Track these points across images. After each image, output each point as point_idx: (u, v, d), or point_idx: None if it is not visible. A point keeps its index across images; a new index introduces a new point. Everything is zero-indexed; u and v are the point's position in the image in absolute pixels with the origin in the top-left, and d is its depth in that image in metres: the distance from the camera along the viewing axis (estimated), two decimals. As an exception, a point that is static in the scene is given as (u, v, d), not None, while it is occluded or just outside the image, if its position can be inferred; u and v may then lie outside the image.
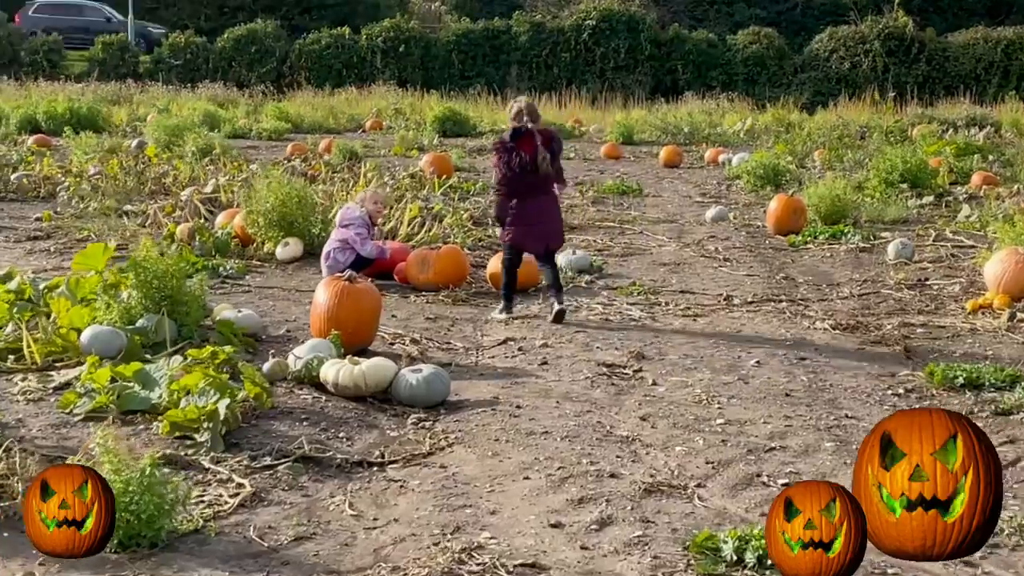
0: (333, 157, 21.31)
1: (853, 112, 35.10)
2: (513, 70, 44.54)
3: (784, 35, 46.28)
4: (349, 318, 8.43)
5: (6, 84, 38.90)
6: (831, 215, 14.87)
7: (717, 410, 7.39)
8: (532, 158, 9.64)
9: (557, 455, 6.50)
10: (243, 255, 12.23)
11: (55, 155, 21.58)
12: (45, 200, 16.37)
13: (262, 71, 44.51)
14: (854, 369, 8.40)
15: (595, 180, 20.32)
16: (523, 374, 8.24)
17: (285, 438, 6.65)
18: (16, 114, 28.29)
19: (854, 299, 10.86)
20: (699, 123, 31.03)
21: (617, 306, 10.43)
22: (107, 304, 8.48)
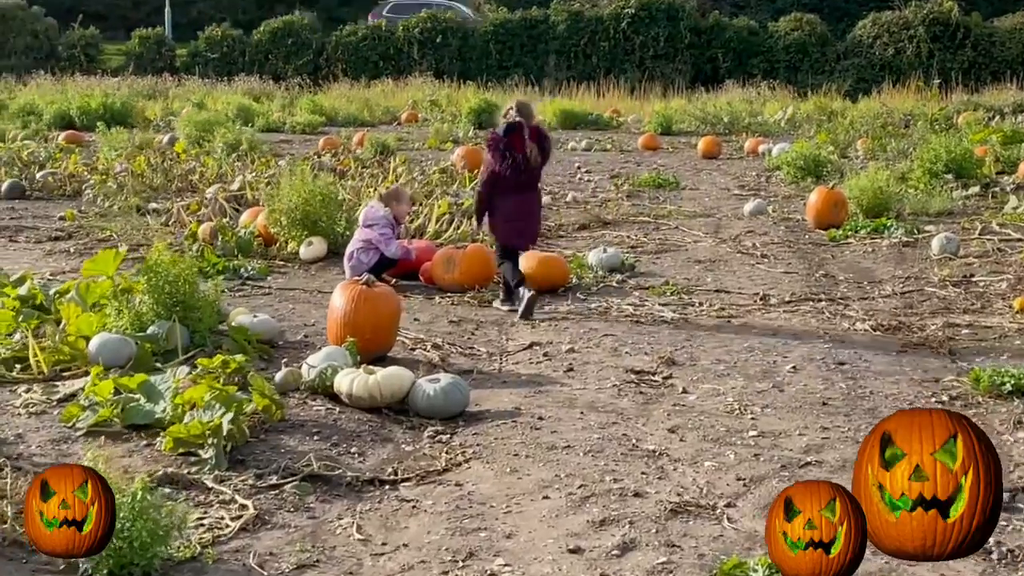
0: (364, 151, 21.03)
1: (897, 100, 34.48)
2: (551, 60, 44.13)
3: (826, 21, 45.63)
4: (366, 324, 8.09)
5: (43, 79, 38.88)
6: (873, 208, 14.44)
7: (750, 421, 7.02)
8: (524, 156, 9.75)
9: (579, 471, 6.15)
10: (266, 255, 11.95)
11: (87, 151, 21.41)
12: (71, 198, 16.17)
13: (299, 63, 44.36)
14: (895, 374, 8.00)
15: (631, 173, 19.95)
16: (547, 381, 7.88)
17: (294, 454, 6.33)
18: (50, 109, 28.22)
19: (896, 297, 10.45)
20: (739, 112, 30.58)
21: (648, 307, 10.05)
22: (118, 310, 8.19)
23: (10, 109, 29.11)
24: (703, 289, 10.86)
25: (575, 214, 15.26)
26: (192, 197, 15.14)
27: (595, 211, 15.45)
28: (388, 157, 19.67)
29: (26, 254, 12.25)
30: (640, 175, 19.29)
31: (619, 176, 19.29)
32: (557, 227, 14.35)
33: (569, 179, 19.61)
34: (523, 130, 9.80)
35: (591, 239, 13.53)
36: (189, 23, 51.25)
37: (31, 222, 14.25)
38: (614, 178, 18.92)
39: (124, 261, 9.33)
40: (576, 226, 14.45)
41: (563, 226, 14.43)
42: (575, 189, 17.93)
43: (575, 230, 14.25)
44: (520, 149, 9.75)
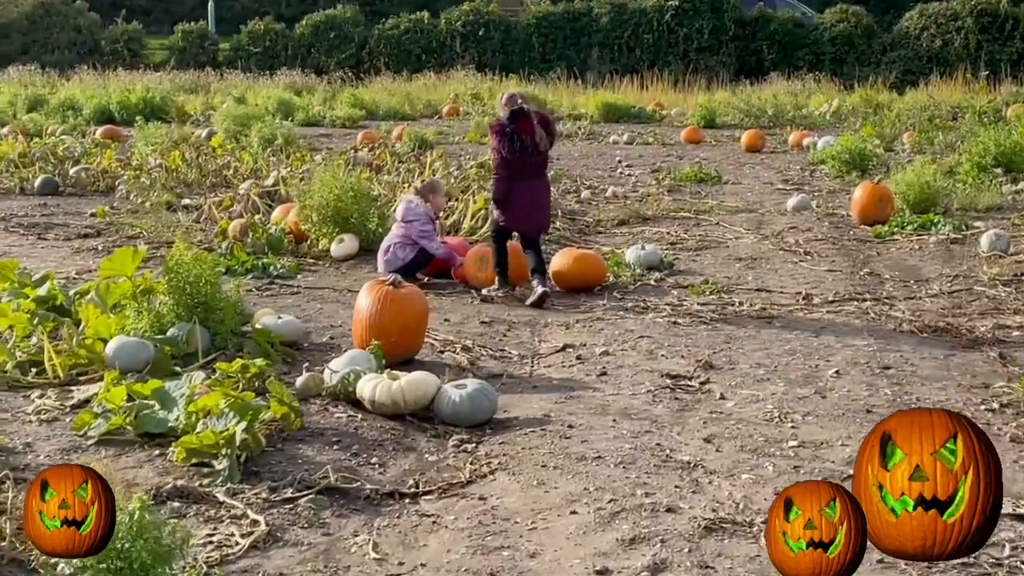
0: (402, 145, 20.78)
1: (944, 92, 33.94)
2: (594, 52, 43.84)
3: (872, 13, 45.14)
4: (392, 326, 7.81)
5: (86, 73, 38.91)
6: (920, 203, 14.04)
7: (790, 429, 6.68)
8: (532, 139, 9.80)
9: (609, 484, 5.84)
10: (297, 252, 11.71)
11: (123, 147, 21.27)
12: (104, 194, 16.03)
13: (341, 57, 44.27)
14: (943, 380, 7.64)
15: (672, 166, 19.62)
16: (579, 386, 7.58)
17: (311, 464, 6.06)
18: (90, 104, 28.16)
19: (944, 297, 10.09)
20: (784, 105, 30.19)
21: (687, 307, 9.72)
22: (137, 312, 7.95)
23: (51, 104, 29.07)
24: (744, 288, 10.52)
25: (614, 209, 14.94)
26: (226, 193, 14.92)
27: (635, 206, 15.12)
28: (425, 151, 19.41)
29: (53, 252, 12.07)
30: (682, 169, 18.96)
31: (660, 170, 18.97)
32: (596, 223, 14.07)
33: (610, 173, 19.30)
34: (530, 115, 9.90)
35: (630, 235, 13.23)
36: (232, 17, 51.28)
37: (62, 219, 14.09)
38: (655, 172, 18.58)
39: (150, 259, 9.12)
40: (615, 222, 14.15)
41: (602, 222, 14.14)
42: (615, 183, 17.62)
43: (614, 226, 13.96)
44: (529, 134, 9.80)
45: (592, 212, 14.65)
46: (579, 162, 21.26)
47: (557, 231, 13.06)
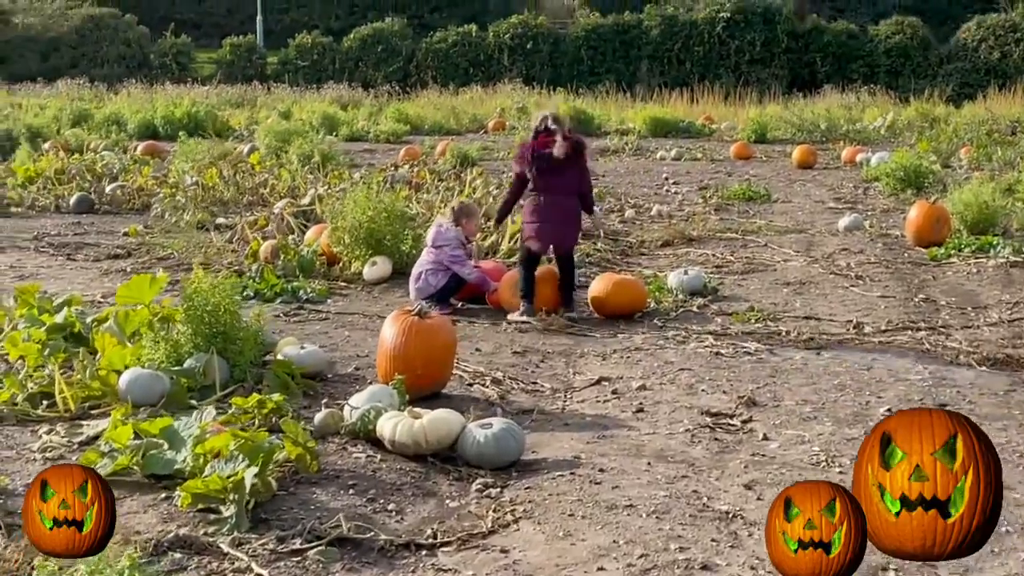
0: (444, 162, 20.45)
1: (1003, 105, 33.28)
2: (643, 65, 43.47)
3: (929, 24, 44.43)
4: (417, 358, 7.42)
5: (134, 87, 38.93)
6: (978, 223, 13.53)
7: (838, 475, 6.24)
8: (549, 152, 9.78)
9: (641, 537, 5.42)
10: (328, 275, 11.39)
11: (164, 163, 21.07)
12: (140, 212, 15.80)
13: (388, 71, 44.13)
14: (1003, 418, 7.17)
15: (721, 184, 19.18)
16: (614, 424, 7.17)
17: (324, 511, 5.69)
18: (135, 119, 28.05)
19: (1004, 326, 9.60)
20: (837, 119, 29.67)
21: (730, 336, 9.29)
22: (154, 341, 7.62)
23: (96, 119, 29.00)
24: (791, 315, 10.07)
25: (659, 229, 14.53)
26: (261, 212, 14.64)
27: (680, 226, 14.70)
28: (466, 169, 19.05)
29: (82, 273, 11.81)
30: (730, 186, 18.53)
31: (708, 187, 18.55)
32: (639, 243, 13.67)
33: (656, 191, 18.90)
34: (556, 135, 9.84)
35: (674, 257, 12.83)
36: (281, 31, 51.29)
37: (94, 238, 13.85)
38: (702, 190, 18.15)
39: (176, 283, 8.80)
40: (659, 243, 13.74)
41: (645, 243, 13.74)
42: (661, 201, 17.22)
43: (658, 247, 13.55)
44: (548, 147, 9.79)
45: (636, 232, 14.26)
46: (625, 179, 20.86)
47: (598, 252, 12.68)
